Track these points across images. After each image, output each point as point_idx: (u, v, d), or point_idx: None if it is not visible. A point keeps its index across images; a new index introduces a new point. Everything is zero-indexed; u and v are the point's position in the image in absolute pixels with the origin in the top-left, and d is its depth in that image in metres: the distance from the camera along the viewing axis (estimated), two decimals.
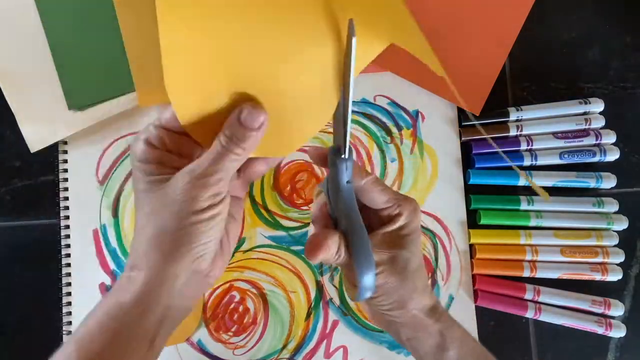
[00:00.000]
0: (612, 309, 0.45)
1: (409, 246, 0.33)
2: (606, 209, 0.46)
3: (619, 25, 0.49)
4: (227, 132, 0.28)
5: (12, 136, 0.47)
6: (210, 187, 0.27)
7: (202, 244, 0.28)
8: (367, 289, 0.31)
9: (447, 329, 0.34)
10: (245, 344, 0.47)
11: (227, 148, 0.27)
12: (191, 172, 0.27)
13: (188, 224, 0.27)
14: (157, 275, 0.27)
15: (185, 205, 0.27)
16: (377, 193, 0.33)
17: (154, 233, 0.27)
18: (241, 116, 0.27)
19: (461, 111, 0.48)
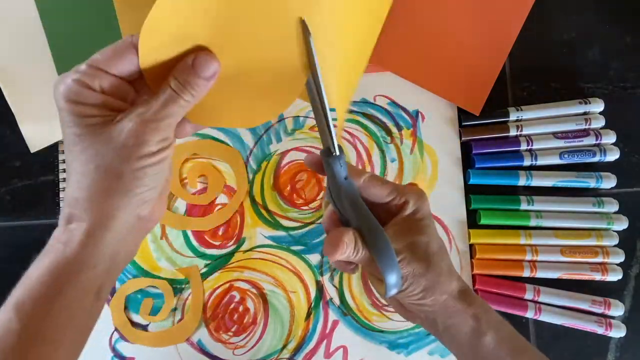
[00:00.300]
0: (612, 309, 0.45)
1: (424, 230, 0.33)
2: (606, 209, 0.46)
3: (619, 25, 0.49)
4: (179, 76, 0.27)
5: (12, 136, 0.47)
6: (161, 131, 0.26)
7: (149, 189, 0.27)
8: (394, 284, 0.31)
9: (482, 313, 0.33)
10: (245, 344, 0.47)
11: (177, 93, 0.27)
12: (140, 115, 0.26)
13: (138, 167, 0.26)
14: (102, 224, 0.26)
15: (135, 149, 0.26)
16: (378, 187, 0.33)
17: (98, 178, 0.26)
18: (195, 62, 0.27)
19: (461, 111, 0.48)
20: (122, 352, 0.46)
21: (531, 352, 0.34)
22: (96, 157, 0.26)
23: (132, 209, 0.27)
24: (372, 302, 0.47)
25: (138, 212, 0.28)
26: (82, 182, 0.26)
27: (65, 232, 0.27)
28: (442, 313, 0.33)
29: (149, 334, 0.47)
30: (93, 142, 0.26)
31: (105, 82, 0.27)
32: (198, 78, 0.27)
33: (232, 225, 0.48)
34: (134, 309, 0.47)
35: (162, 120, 0.26)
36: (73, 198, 0.27)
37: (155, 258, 0.47)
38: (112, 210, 0.26)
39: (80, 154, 0.26)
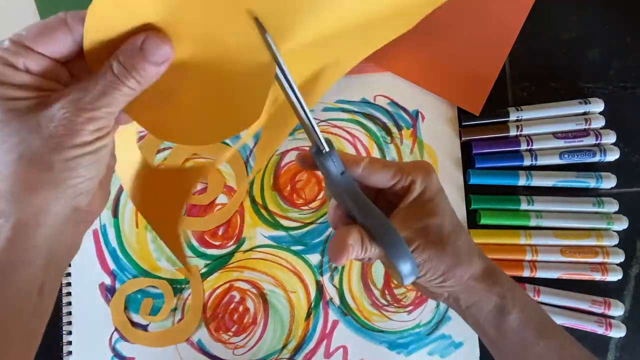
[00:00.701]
0: (612, 309, 0.45)
1: (435, 211, 0.31)
2: (606, 209, 0.46)
3: (619, 25, 0.49)
4: (122, 58, 0.24)
5: None
6: (97, 120, 0.24)
7: (85, 179, 0.25)
8: (409, 273, 0.29)
9: (508, 291, 0.32)
10: (245, 344, 0.47)
11: (119, 78, 0.24)
12: (74, 102, 0.23)
13: (69, 157, 0.23)
14: (32, 219, 0.24)
15: (67, 138, 0.23)
16: (379, 172, 0.31)
17: (24, 169, 0.23)
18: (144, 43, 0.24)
19: (461, 111, 0.48)
20: (122, 352, 0.46)
21: (558, 333, 0.33)
22: (20, 146, 0.23)
23: (67, 201, 0.25)
24: (372, 302, 0.47)
25: (74, 204, 0.25)
26: (4, 173, 0.23)
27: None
28: (465, 292, 0.32)
29: (149, 334, 0.47)
30: (17, 128, 0.23)
31: (31, 62, 0.24)
32: (146, 62, 0.24)
33: (232, 225, 0.48)
34: (134, 309, 0.47)
35: (100, 109, 0.23)
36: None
37: (155, 258, 0.47)
38: (41, 204, 0.24)
39: (2, 143, 0.23)
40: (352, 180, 0.30)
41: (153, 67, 0.24)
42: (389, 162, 0.31)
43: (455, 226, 0.32)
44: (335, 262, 0.29)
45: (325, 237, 0.47)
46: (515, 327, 0.31)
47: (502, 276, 0.32)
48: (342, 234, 0.29)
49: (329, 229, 0.47)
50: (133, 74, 0.24)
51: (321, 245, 0.47)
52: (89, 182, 0.25)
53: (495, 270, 0.32)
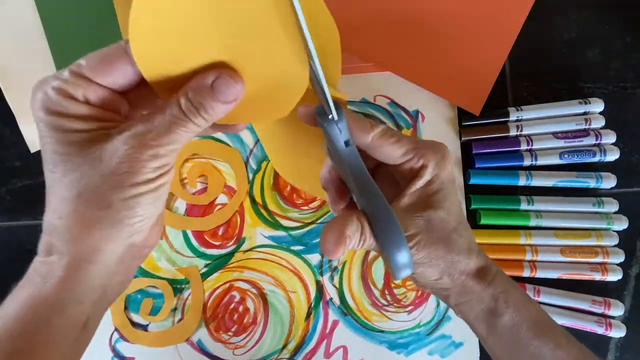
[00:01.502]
0: (612, 309, 0.45)
1: (442, 203, 0.28)
2: (606, 209, 0.46)
3: (619, 25, 0.49)
4: (192, 95, 0.23)
5: (12, 136, 0.47)
6: (160, 157, 0.22)
7: (143, 218, 0.24)
8: (402, 267, 0.26)
9: (502, 292, 0.30)
10: (245, 344, 0.47)
11: (187, 115, 0.22)
12: (138, 136, 0.22)
13: (129, 196, 0.22)
14: (86, 258, 0.23)
15: (128, 176, 0.22)
16: (390, 146, 0.28)
17: (82, 207, 0.22)
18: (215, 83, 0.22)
19: (461, 111, 0.48)
20: (122, 352, 0.46)
21: (556, 332, 0.31)
22: (80, 183, 0.22)
23: (123, 240, 0.24)
24: (372, 302, 0.47)
25: (130, 242, 0.24)
26: (63, 210, 0.23)
27: (45, 265, 0.23)
28: (456, 291, 0.31)
29: (149, 334, 0.47)
30: (77, 163, 0.22)
31: (91, 93, 0.23)
32: (216, 102, 0.23)
33: (232, 225, 0.48)
34: (134, 309, 0.47)
35: (164, 146, 0.22)
36: (53, 226, 0.23)
37: (155, 258, 0.47)
38: (97, 243, 0.23)
39: (62, 177, 0.22)
40: (356, 153, 0.27)
41: (222, 106, 0.23)
42: (402, 137, 0.28)
43: (459, 223, 0.30)
44: (329, 256, 0.27)
45: None
46: (508, 327, 0.30)
47: (498, 276, 0.31)
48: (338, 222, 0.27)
49: None
50: (201, 112, 0.23)
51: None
52: (146, 221, 0.24)
53: (491, 270, 0.31)
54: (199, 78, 0.23)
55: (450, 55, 0.47)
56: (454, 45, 0.47)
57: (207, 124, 0.23)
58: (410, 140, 0.29)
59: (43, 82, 0.23)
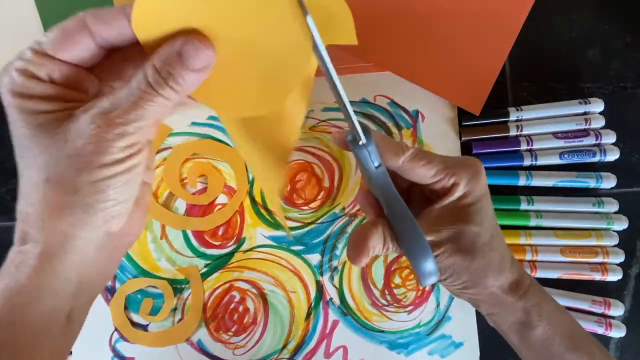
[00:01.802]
0: (612, 309, 0.45)
1: (474, 218, 0.28)
2: (606, 209, 0.46)
3: (619, 25, 0.49)
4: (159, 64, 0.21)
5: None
6: (128, 136, 0.21)
7: (117, 202, 0.22)
8: (427, 275, 0.28)
9: (534, 306, 0.30)
10: (245, 344, 0.47)
11: (154, 87, 0.21)
12: (103, 114, 0.21)
13: (98, 179, 0.21)
14: (59, 245, 0.22)
15: (95, 157, 0.21)
16: (421, 169, 0.28)
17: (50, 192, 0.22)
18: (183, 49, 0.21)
19: (461, 111, 0.48)
20: (122, 352, 0.46)
21: (589, 345, 0.31)
22: (47, 166, 0.21)
23: (97, 227, 0.23)
24: (372, 302, 0.47)
25: (106, 229, 0.23)
26: (33, 196, 0.22)
27: (20, 254, 0.23)
28: (487, 302, 0.31)
29: (149, 334, 0.47)
30: (45, 145, 0.21)
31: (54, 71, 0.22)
32: (185, 69, 0.21)
33: (232, 225, 0.48)
34: (134, 309, 0.47)
35: (132, 123, 0.21)
36: (25, 213, 0.23)
37: (155, 258, 0.47)
38: (69, 230, 0.22)
39: (31, 162, 0.22)
40: (386, 175, 0.28)
41: (193, 75, 0.21)
42: (434, 158, 0.29)
43: (493, 237, 0.30)
44: (354, 263, 0.28)
45: (326, 237, 0.47)
46: (541, 340, 0.30)
47: (532, 288, 0.31)
48: (363, 233, 0.27)
49: (329, 228, 0.47)
50: (170, 82, 0.21)
51: (321, 245, 0.47)
52: (121, 205, 0.23)
53: (524, 282, 0.31)
54: (165, 46, 0.21)
55: (450, 55, 0.47)
56: (454, 45, 0.47)
57: (177, 96, 0.22)
58: (442, 160, 0.29)
59: (8, 65, 0.22)
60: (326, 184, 0.48)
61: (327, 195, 0.47)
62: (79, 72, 0.23)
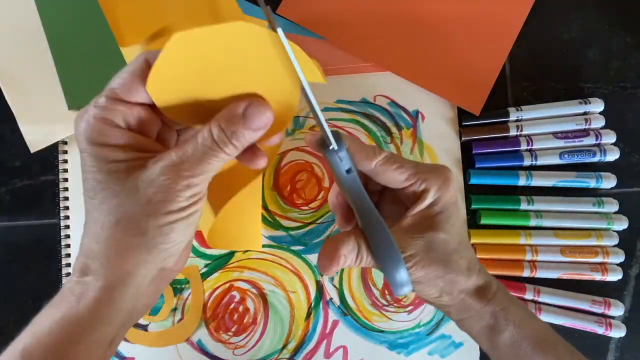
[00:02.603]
0: (612, 309, 0.45)
1: (443, 225, 0.29)
2: (606, 209, 0.46)
3: (619, 25, 0.49)
4: (224, 124, 0.23)
5: (12, 136, 0.47)
6: (194, 186, 0.24)
7: (176, 243, 0.25)
8: (399, 285, 0.28)
9: (501, 310, 0.31)
10: (245, 344, 0.47)
11: (218, 144, 0.23)
12: (172, 167, 0.23)
13: (164, 223, 0.23)
14: (120, 280, 0.24)
15: (163, 204, 0.23)
16: (393, 172, 0.29)
17: (119, 233, 0.23)
18: (247, 112, 0.23)
19: (461, 111, 0.48)
20: (122, 352, 0.46)
21: (558, 347, 0.32)
22: (118, 210, 0.23)
23: (156, 264, 0.25)
24: (372, 302, 0.47)
25: (162, 266, 0.26)
26: (101, 235, 0.24)
27: (79, 285, 0.24)
28: (457, 308, 0.31)
29: (149, 334, 0.47)
30: (116, 191, 0.23)
31: (130, 116, 0.24)
32: (248, 130, 0.23)
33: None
34: None
35: (197, 176, 0.23)
36: (90, 249, 0.24)
37: None
38: (132, 268, 0.24)
39: (101, 204, 0.23)
40: (357, 180, 0.29)
41: (252, 133, 0.24)
42: (405, 163, 0.30)
43: (460, 244, 0.31)
44: (324, 273, 0.28)
45: (325, 237, 0.47)
46: (508, 344, 0.31)
47: (499, 293, 0.32)
48: (335, 242, 0.28)
49: (329, 228, 0.47)
50: (233, 140, 0.23)
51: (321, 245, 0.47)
52: (179, 246, 0.25)
53: (491, 287, 0.32)
54: (231, 107, 0.24)
55: (450, 55, 0.47)
56: (454, 45, 0.47)
57: (237, 152, 0.24)
58: (413, 165, 0.30)
59: (84, 112, 0.24)
60: (326, 184, 0.48)
61: (327, 195, 0.47)
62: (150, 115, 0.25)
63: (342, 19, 0.47)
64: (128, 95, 0.24)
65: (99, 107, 0.23)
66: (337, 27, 0.47)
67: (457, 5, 0.48)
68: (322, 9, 0.47)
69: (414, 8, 0.48)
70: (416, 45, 0.47)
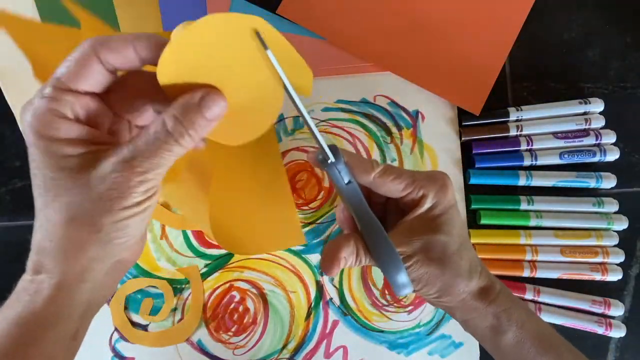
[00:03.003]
0: (612, 309, 0.45)
1: (443, 228, 0.30)
2: (606, 209, 0.46)
3: (619, 25, 0.49)
4: (179, 112, 0.23)
5: (12, 136, 0.47)
6: (148, 182, 0.23)
7: (131, 237, 0.25)
8: (400, 286, 0.29)
9: (504, 311, 0.31)
10: (245, 344, 0.47)
11: (173, 135, 0.23)
12: (125, 162, 0.22)
13: (118, 219, 0.23)
14: (75, 276, 0.24)
15: (117, 201, 0.22)
16: (391, 183, 0.30)
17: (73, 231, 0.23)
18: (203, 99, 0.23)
19: (461, 111, 0.48)
20: (122, 352, 0.46)
21: (560, 347, 0.32)
22: (71, 207, 0.23)
23: (111, 258, 0.25)
24: (372, 302, 0.47)
25: (117, 259, 0.25)
26: (54, 233, 0.23)
27: (33, 283, 0.24)
28: (460, 308, 0.32)
29: (149, 334, 0.47)
30: (68, 188, 0.22)
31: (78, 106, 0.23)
32: (203, 118, 0.23)
33: None
34: (134, 309, 0.47)
35: (151, 170, 0.23)
36: (43, 247, 0.24)
37: (155, 258, 0.47)
38: (87, 263, 0.24)
39: (53, 201, 0.23)
40: (357, 190, 0.30)
41: (207, 122, 0.24)
42: (402, 173, 0.31)
43: (461, 245, 0.31)
44: (326, 273, 0.29)
45: (326, 237, 0.47)
46: (512, 345, 0.31)
47: (501, 294, 0.32)
48: (336, 245, 0.29)
49: (329, 229, 0.47)
50: (190, 130, 0.23)
51: (321, 245, 0.47)
52: (134, 239, 0.25)
53: (494, 288, 0.32)
54: (186, 97, 0.23)
55: (450, 55, 0.47)
56: (454, 46, 0.47)
57: (192, 144, 0.24)
58: (410, 174, 0.31)
59: (30, 103, 0.23)
60: (326, 184, 0.48)
61: (327, 195, 0.47)
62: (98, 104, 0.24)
63: (342, 19, 0.47)
64: (76, 84, 0.22)
65: (45, 98, 0.22)
66: (337, 27, 0.47)
67: (457, 5, 0.48)
68: (322, 9, 0.47)
69: (414, 8, 0.48)
70: (416, 45, 0.47)
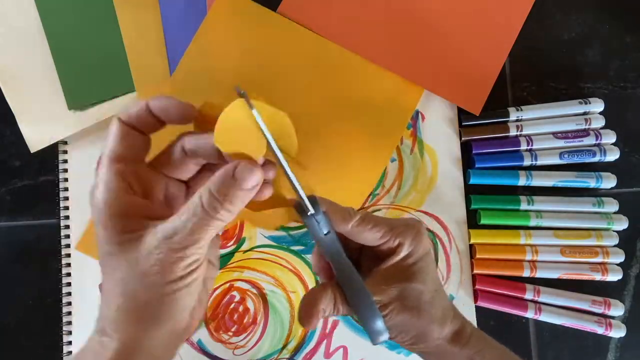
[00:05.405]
0: (612, 309, 0.45)
1: (418, 276, 0.31)
2: (606, 209, 0.46)
3: (619, 25, 0.49)
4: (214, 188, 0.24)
5: (12, 136, 0.47)
6: (189, 257, 0.24)
7: (181, 310, 0.25)
8: (376, 334, 0.30)
9: (477, 353, 0.32)
10: (245, 344, 0.47)
11: (209, 211, 0.24)
12: (166, 239, 0.24)
13: (164, 294, 0.24)
14: (132, 345, 0.25)
15: (160, 277, 0.24)
16: (368, 232, 0.31)
17: (124, 303, 0.24)
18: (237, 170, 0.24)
19: (461, 111, 0.48)
20: None
21: None
22: (122, 283, 0.24)
23: (166, 331, 0.25)
24: None
25: (171, 330, 0.26)
26: (111, 303, 0.25)
27: (98, 344, 0.25)
28: (435, 354, 0.33)
29: None
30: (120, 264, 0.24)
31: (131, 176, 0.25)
32: (239, 190, 0.24)
33: (232, 226, 0.48)
34: None
35: (191, 246, 0.24)
36: (105, 314, 0.25)
37: None
38: (141, 335, 0.25)
39: (110, 275, 0.25)
40: (335, 241, 0.31)
41: (245, 193, 0.24)
42: (379, 222, 0.31)
43: (435, 292, 0.32)
44: (305, 326, 0.29)
45: None
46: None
47: (473, 337, 0.33)
48: (314, 296, 0.29)
49: None
50: (226, 204, 0.24)
51: None
52: (185, 312, 0.26)
53: (465, 332, 0.33)
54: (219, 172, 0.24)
55: (450, 55, 0.47)
56: (454, 45, 0.47)
57: (231, 217, 0.24)
58: (387, 222, 0.31)
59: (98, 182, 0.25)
60: None
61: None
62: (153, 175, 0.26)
63: (342, 18, 0.47)
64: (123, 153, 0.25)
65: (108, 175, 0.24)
66: (337, 27, 0.47)
67: (457, 5, 0.48)
68: (322, 9, 0.47)
69: (414, 8, 0.48)
70: (416, 45, 0.47)
